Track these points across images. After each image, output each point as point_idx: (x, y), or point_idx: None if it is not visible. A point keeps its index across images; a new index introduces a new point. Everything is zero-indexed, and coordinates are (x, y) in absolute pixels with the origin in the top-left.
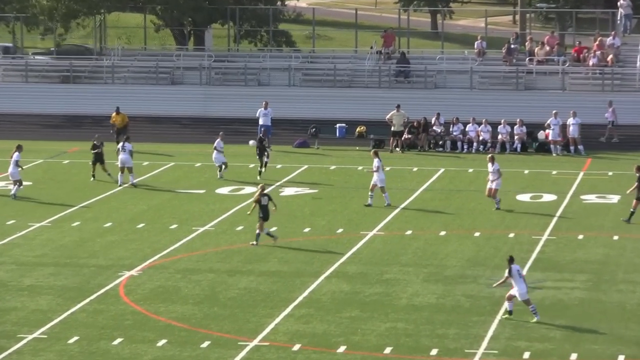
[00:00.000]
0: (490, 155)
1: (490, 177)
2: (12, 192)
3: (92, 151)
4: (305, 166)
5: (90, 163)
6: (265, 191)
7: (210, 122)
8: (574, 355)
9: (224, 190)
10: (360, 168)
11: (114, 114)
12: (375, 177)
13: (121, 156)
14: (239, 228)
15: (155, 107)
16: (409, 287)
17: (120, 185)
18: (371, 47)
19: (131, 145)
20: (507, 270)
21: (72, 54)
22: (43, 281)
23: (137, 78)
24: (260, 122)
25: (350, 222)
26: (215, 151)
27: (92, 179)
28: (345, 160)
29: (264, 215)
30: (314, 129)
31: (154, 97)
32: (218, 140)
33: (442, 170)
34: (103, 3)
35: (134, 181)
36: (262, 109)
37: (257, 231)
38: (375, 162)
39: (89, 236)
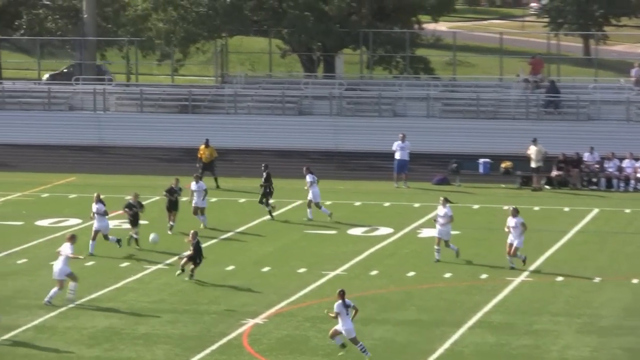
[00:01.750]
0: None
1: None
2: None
3: (166, 195)
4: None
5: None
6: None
7: (341, 156)
8: None
9: (356, 231)
10: (505, 208)
11: (202, 147)
12: (310, 194)
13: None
14: (373, 273)
15: (281, 140)
16: (560, 339)
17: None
18: (517, 75)
19: (204, 184)
20: (336, 305)
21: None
22: (160, 329)
23: (262, 108)
24: (397, 156)
25: (495, 267)
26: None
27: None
28: (490, 199)
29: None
30: (455, 164)
31: (280, 129)
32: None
33: (596, 210)
34: (225, 26)
35: (205, 221)
36: (399, 142)
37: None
38: (308, 177)
39: (209, 280)
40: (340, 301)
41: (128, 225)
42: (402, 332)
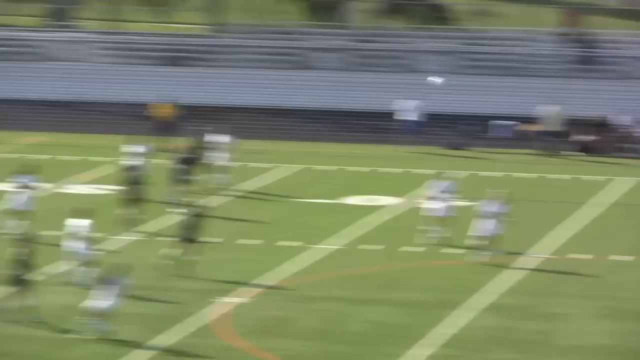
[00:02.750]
0: None
1: None
2: None
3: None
4: (465, 172)
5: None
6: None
7: (348, 116)
8: None
9: (357, 200)
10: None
11: (158, 104)
12: None
13: None
14: (372, 247)
15: (279, 97)
16: (578, 324)
17: None
18: (551, 27)
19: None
20: None
21: None
22: (126, 309)
23: (259, 61)
24: (410, 116)
25: (512, 242)
26: None
27: None
28: (513, 166)
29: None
30: (472, 127)
31: (279, 85)
32: None
33: (631, 180)
34: None
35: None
36: (413, 101)
37: None
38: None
39: (188, 254)
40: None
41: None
42: (400, 314)
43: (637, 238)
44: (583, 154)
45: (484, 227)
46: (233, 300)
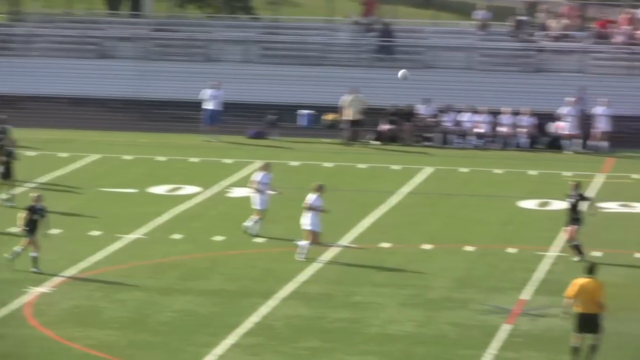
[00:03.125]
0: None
1: None
2: None
3: None
4: (260, 162)
5: None
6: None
7: (146, 105)
8: None
9: (161, 190)
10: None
11: None
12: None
13: None
14: (176, 236)
15: (79, 86)
16: (383, 312)
17: None
18: (348, 17)
19: None
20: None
21: None
22: None
23: (58, 50)
24: (208, 106)
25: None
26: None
27: None
28: (311, 155)
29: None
30: (272, 116)
31: (79, 74)
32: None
33: (429, 169)
34: None
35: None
36: (211, 90)
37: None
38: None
39: None
40: None
41: None
42: (206, 304)
43: (436, 226)
44: (384, 143)
45: (304, 219)
46: (38, 290)
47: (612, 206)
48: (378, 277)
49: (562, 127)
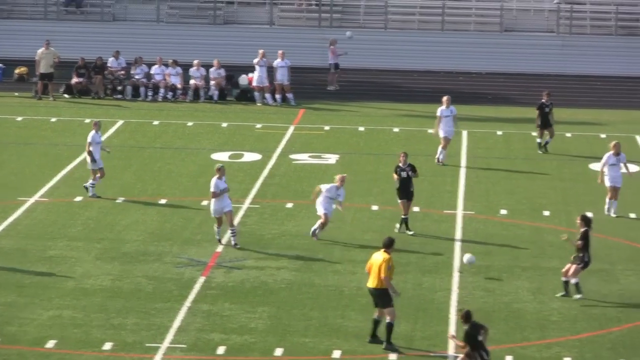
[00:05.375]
0: None
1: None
2: None
3: None
4: None
5: None
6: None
7: None
8: (279, 350)
9: None
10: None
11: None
12: None
13: None
14: None
15: None
16: (79, 267)
17: None
18: None
19: None
20: None
21: None
22: None
23: None
24: None
25: (5, 187)
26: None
27: None
28: (1, 109)
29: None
30: None
31: None
32: None
33: (120, 122)
34: None
35: None
36: None
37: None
38: None
39: None
40: None
41: None
42: None
43: (129, 179)
44: (75, 96)
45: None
46: None
47: (303, 158)
48: (72, 231)
49: (251, 79)
